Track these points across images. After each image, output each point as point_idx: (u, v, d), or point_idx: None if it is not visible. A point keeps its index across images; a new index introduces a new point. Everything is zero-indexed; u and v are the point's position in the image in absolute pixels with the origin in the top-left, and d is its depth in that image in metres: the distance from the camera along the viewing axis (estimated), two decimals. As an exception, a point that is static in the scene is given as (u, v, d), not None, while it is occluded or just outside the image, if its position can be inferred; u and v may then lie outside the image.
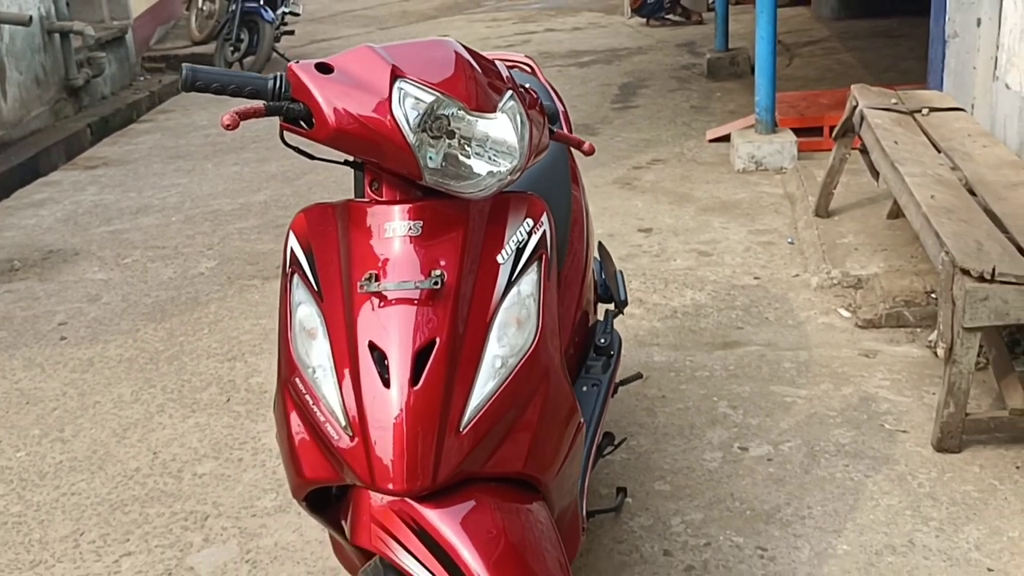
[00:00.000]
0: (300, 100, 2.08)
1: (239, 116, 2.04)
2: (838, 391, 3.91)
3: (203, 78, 2.08)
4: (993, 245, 3.47)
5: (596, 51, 11.25)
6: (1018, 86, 4.40)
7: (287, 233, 2.32)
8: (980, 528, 3.12)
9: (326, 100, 2.05)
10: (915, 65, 8.46)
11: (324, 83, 2.07)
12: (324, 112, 2.05)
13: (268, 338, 4.75)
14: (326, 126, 2.05)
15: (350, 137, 2.06)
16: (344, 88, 2.07)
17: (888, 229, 5.19)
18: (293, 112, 2.08)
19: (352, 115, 2.04)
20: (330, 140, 2.07)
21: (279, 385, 2.25)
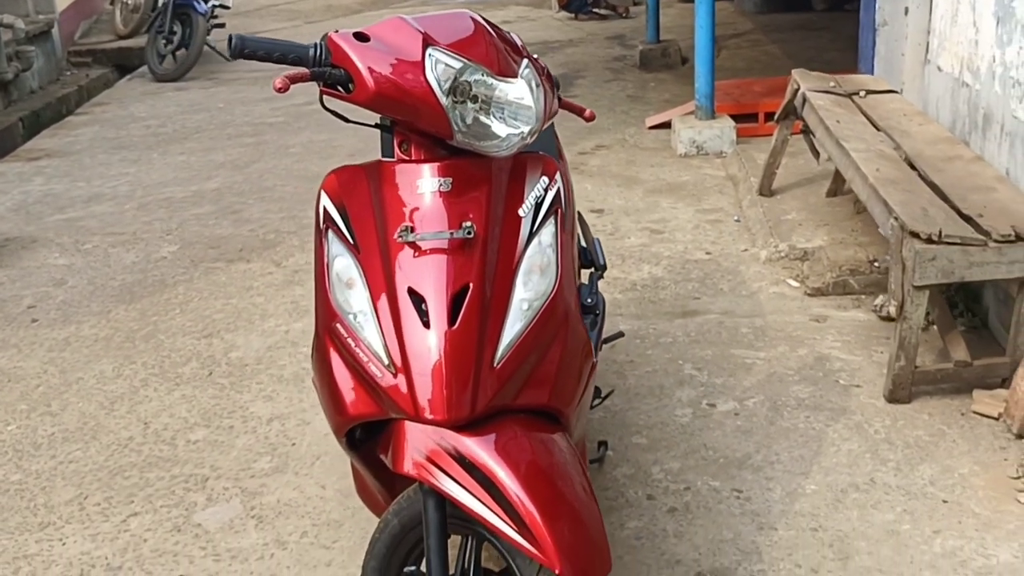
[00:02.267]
0: (340, 66, 2.26)
1: (289, 80, 2.22)
2: (794, 352, 4.19)
3: (251, 46, 2.26)
4: (937, 211, 3.77)
5: (528, 44, 11.36)
6: (950, 68, 4.72)
7: (318, 193, 2.50)
8: (933, 467, 3.40)
9: (365, 66, 2.23)
10: (837, 56, 8.85)
11: (363, 50, 2.25)
12: (364, 77, 2.23)
13: (241, 316, 4.89)
14: (366, 89, 2.23)
15: (388, 100, 2.25)
16: (381, 55, 2.25)
17: (828, 206, 5.50)
18: (334, 77, 2.25)
19: (390, 79, 2.23)
20: (369, 102, 2.25)
21: (318, 332, 2.44)
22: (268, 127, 8.46)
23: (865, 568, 2.97)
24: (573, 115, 2.87)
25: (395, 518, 2.43)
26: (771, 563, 3.01)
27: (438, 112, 2.25)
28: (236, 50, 2.24)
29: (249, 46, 2.26)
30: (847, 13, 11.25)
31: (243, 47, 2.25)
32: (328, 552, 3.21)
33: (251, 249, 5.74)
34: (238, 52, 2.25)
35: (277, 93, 2.23)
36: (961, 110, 4.56)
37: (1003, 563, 2.95)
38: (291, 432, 3.88)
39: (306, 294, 5.07)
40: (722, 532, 3.16)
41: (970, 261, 3.55)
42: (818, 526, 3.16)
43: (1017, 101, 3.94)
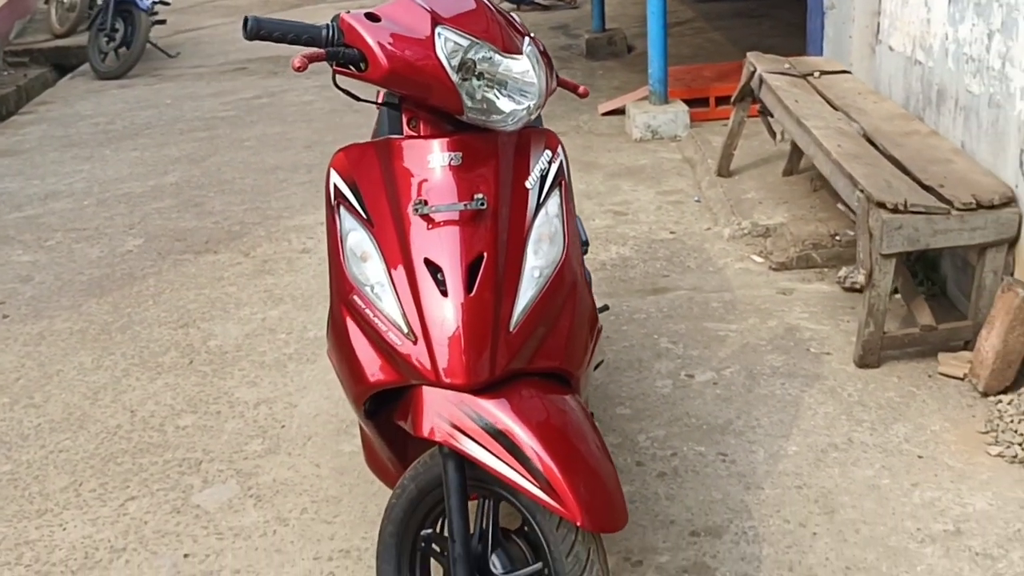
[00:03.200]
0: (353, 46, 2.33)
1: (307, 59, 2.29)
2: (764, 324, 4.33)
3: (267, 27, 2.32)
4: (900, 183, 3.93)
5: (472, 36, 11.53)
6: (902, 47, 4.89)
7: (328, 171, 2.58)
8: (906, 425, 3.56)
9: (378, 45, 2.31)
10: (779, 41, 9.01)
11: (375, 30, 2.33)
12: (377, 55, 2.31)
13: (215, 306, 4.93)
14: (380, 67, 2.31)
15: (400, 77, 2.33)
16: (392, 34, 2.33)
17: (785, 184, 5.66)
18: (348, 56, 2.33)
19: (402, 57, 2.31)
20: (383, 80, 2.33)
21: (334, 306, 2.52)
22: (220, 121, 8.45)
23: (850, 520, 3.11)
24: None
25: (412, 483, 2.51)
26: (761, 520, 3.14)
27: (449, 88, 2.34)
28: (252, 31, 2.31)
29: (265, 27, 2.32)
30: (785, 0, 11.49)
31: (259, 28, 2.31)
32: (330, 526, 3.28)
33: (217, 240, 5.77)
34: (254, 33, 2.31)
35: (296, 72, 2.30)
36: (914, 87, 4.74)
37: (979, 510, 3.11)
38: (279, 415, 3.94)
39: (278, 283, 5.13)
40: (711, 493, 3.29)
41: (934, 229, 3.71)
42: (802, 484, 3.30)
43: (971, 76, 4.11)
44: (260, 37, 2.33)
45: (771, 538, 3.06)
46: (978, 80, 4.05)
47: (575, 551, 2.30)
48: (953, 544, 2.98)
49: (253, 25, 2.31)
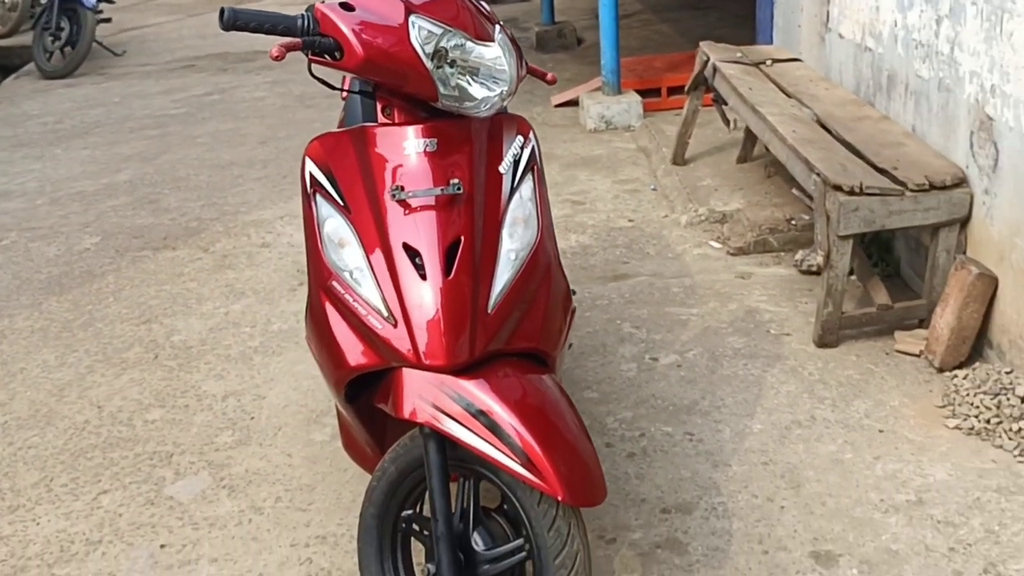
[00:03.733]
0: (329, 35, 2.37)
1: (285, 49, 2.32)
2: (724, 307, 4.41)
3: (243, 18, 2.35)
4: (854, 166, 4.02)
5: (422, 31, 11.55)
6: (851, 35, 4.99)
7: (303, 159, 2.61)
8: (866, 402, 3.65)
9: (354, 33, 2.34)
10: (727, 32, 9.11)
11: (349, 19, 2.36)
12: (353, 44, 2.34)
13: (177, 301, 4.93)
14: (355, 56, 2.34)
15: (376, 65, 2.36)
16: (367, 23, 2.37)
17: (740, 171, 5.75)
18: (325, 45, 2.36)
19: (377, 46, 2.35)
20: (358, 68, 2.37)
21: (313, 292, 2.55)
22: (170, 119, 8.41)
23: (816, 494, 3.19)
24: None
25: (392, 465, 2.55)
26: (729, 495, 3.22)
27: (424, 75, 2.38)
28: (228, 22, 2.33)
29: (241, 18, 2.35)
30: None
31: (235, 19, 2.34)
32: (305, 514, 3.31)
33: (175, 237, 5.75)
34: (231, 24, 2.34)
35: (274, 61, 2.33)
36: (865, 73, 4.84)
37: (939, 481, 3.21)
38: (248, 407, 3.95)
39: (239, 277, 5.14)
40: (680, 471, 3.36)
41: (889, 210, 3.81)
42: (768, 460, 3.38)
43: (920, 61, 4.21)
44: (236, 27, 2.36)
45: (740, 513, 3.14)
46: (927, 65, 4.15)
47: (556, 526, 2.35)
48: (916, 513, 3.07)
49: (230, 16, 2.33)
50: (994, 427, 3.39)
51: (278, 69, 10.08)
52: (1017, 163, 3.50)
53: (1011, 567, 2.84)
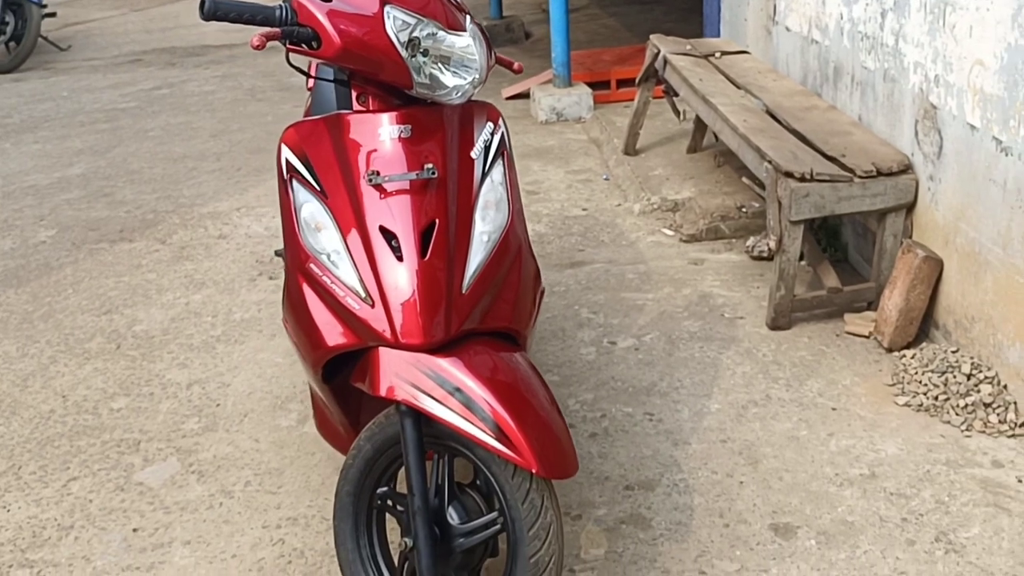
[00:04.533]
0: (307, 25, 2.43)
1: (265, 38, 2.38)
2: (679, 292, 4.53)
3: (223, 8, 2.40)
4: (804, 154, 4.15)
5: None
6: (798, 28, 5.13)
7: (279, 146, 2.67)
8: (819, 381, 3.78)
9: (332, 23, 2.41)
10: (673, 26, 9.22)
11: (327, 9, 2.43)
12: (330, 33, 2.40)
13: (136, 292, 4.95)
14: (332, 45, 2.41)
15: (352, 54, 2.43)
16: (343, 13, 2.43)
17: (690, 161, 5.88)
18: (302, 35, 2.42)
19: (353, 35, 2.42)
20: (336, 57, 2.43)
21: (290, 275, 2.62)
22: (121, 113, 8.38)
23: (773, 469, 3.31)
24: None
25: (368, 443, 2.62)
26: (690, 472, 3.32)
27: (399, 64, 2.45)
28: (209, 12, 2.39)
29: (221, 8, 2.40)
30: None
31: (216, 9, 2.39)
32: (275, 496, 3.36)
33: (132, 229, 5.76)
34: (211, 14, 2.39)
35: (254, 50, 2.39)
36: (812, 65, 4.98)
37: (891, 455, 3.34)
38: (213, 394, 4.00)
39: (198, 268, 5.17)
40: (641, 450, 3.46)
41: (839, 196, 3.94)
42: (726, 438, 3.49)
43: (866, 53, 4.35)
44: (216, 17, 2.41)
45: (701, 488, 3.25)
46: (873, 56, 4.29)
47: (530, 498, 2.44)
48: (869, 486, 3.20)
49: (210, 6, 2.39)
50: (942, 404, 3.52)
51: (227, 63, 10.10)
52: (961, 150, 3.64)
53: (961, 535, 2.97)
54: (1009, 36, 3.28)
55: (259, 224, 5.73)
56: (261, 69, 9.72)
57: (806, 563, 2.91)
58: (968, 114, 3.56)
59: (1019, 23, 3.23)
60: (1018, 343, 3.38)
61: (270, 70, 9.64)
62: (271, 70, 9.63)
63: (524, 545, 2.44)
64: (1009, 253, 3.38)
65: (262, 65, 9.89)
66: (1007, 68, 3.31)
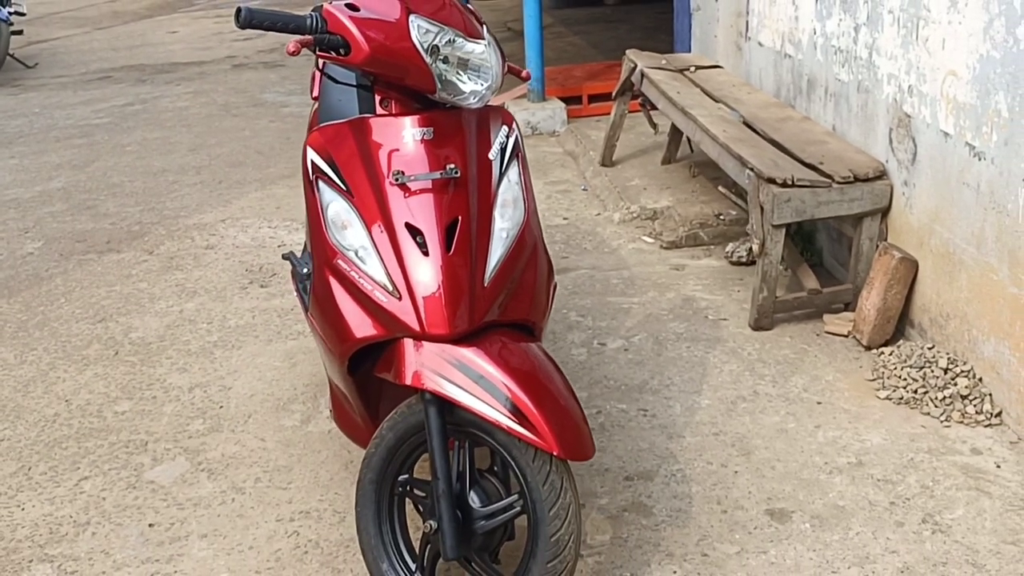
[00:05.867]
0: (336, 33, 2.57)
1: (300, 44, 2.52)
2: (663, 296, 4.69)
3: (258, 17, 2.54)
4: (784, 161, 4.33)
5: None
6: (771, 43, 5.33)
7: (304, 148, 2.80)
8: (803, 377, 3.95)
9: (360, 31, 2.55)
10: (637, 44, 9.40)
11: (355, 18, 2.57)
12: (359, 41, 2.55)
13: (129, 301, 5.03)
14: (361, 51, 2.55)
15: (380, 60, 2.57)
16: (371, 21, 2.58)
17: (666, 172, 6.06)
18: (333, 42, 2.56)
19: (381, 42, 2.56)
20: (364, 63, 2.57)
21: (317, 271, 2.74)
22: (95, 128, 8.44)
23: (765, 459, 3.47)
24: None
25: (390, 432, 2.74)
26: (686, 463, 3.48)
27: (423, 70, 2.60)
28: (245, 20, 2.52)
29: (256, 17, 2.54)
30: (637, 7, 12.04)
31: (251, 18, 2.53)
32: (286, 492, 3.47)
33: (119, 240, 5.84)
34: (247, 23, 2.53)
35: (290, 54, 2.52)
36: (785, 78, 5.18)
37: (876, 445, 3.51)
38: (215, 397, 4.10)
39: (188, 278, 5.26)
40: (638, 443, 3.60)
41: (818, 201, 4.12)
42: (719, 431, 3.65)
43: (840, 66, 4.55)
44: (252, 26, 2.55)
45: (698, 478, 3.40)
46: (847, 69, 4.49)
47: (550, 479, 2.57)
48: (857, 473, 3.37)
49: (246, 15, 2.53)
50: (921, 397, 3.70)
51: (198, 80, 10.18)
52: (935, 156, 3.83)
53: (946, 516, 3.14)
54: (981, 48, 3.48)
55: (245, 235, 5.83)
56: (232, 86, 9.81)
57: (802, 544, 3.06)
58: (942, 122, 3.75)
59: (990, 36, 3.42)
60: (993, 338, 3.57)
61: (242, 87, 9.74)
62: (243, 87, 9.74)
63: (545, 525, 2.58)
64: (983, 253, 3.57)
65: (233, 82, 9.99)
66: (979, 78, 3.51)
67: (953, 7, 3.62)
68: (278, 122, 8.41)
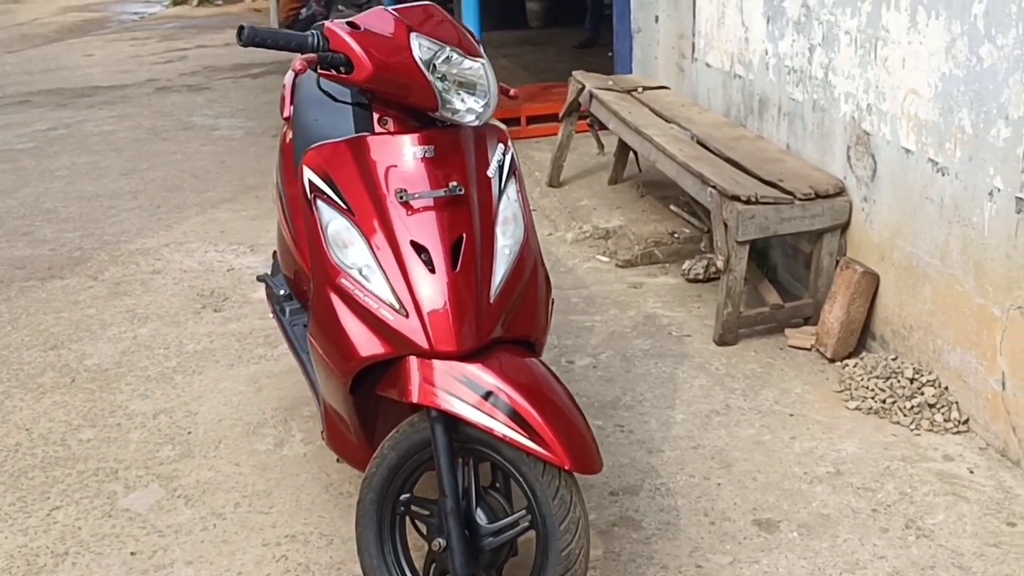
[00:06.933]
0: (338, 51, 2.56)
1: (306, 63, 2.51)
2: (624, 314, 4.74)
3: (260, 35, 2.53)
4: (744, 179, 4.42)
5: (262, 63, 11.64)
6: (719, 64, 5.44)
7: (300, 168, 2.78)
8: (773, 391, 4.02)
9: (363, 49, 2.55)
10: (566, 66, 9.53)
11: (358, 36, 2.57)
12: (362, 59, 2.55)
13: (80, 328, 4.92)
14: (364, 69, 2.55)
15: (382, 78, 2.57)
16: (373, 40, 2.58)
17: (613, 192, 6.13)
18: (336, 60, 2.56)
19: (384, 60, 2.56)
20: (367, 81, 2.57)
21: (319, 290, 2.72)
22: (20, 153, 8.24)
23: (746, 471, 3.52)
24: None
25: (392, 451, 2.73)
26: (669, 476, 3.51)
27: (426, 87, 2.60)
28: (248, 39, 2.51)
29: (259, 36, 2.53)
30: (561, 29, 12.16)
31: (254, 36, 2.52)
32: (268, 516, 3.43)
33: (60, 267, 5.71)
34: (249, 40, 2.52)
35: (296, 73, 2.51)
36: (735, 98, 5.28)
37: (851, 454, 3.59)
38: (182, 423, 4.03)
39: (138, 303, 5.17)
40: (619, 459, 3.63)
41: (781, 217, 4.21)
42: (696, 444, 3.69)
43: (794, 85, 4.66)
44: (255, 44, 2.54)
45: (682, 491, 3.43)
46: (801, 89, 4.59)
47: (560, 494, 2.58)
48: (837, 482, 3.44)
49: (248, 34, 2.51)
50: (890, 406, 3.80)
51: (121, 103, 10.01)
52: (896, 172, 3.94)
53: (928, 521, 3.22)
54: (943, 67, 3.60)
55: (191, 259, 5.75)
56: (158, 109, 9.67)
57: (792, 553, 3.11)
58: (903, 139, 3.86)
59: (953, 55, 3.54)
60: (959, 348, 3.67)
61: (168, 110, 9.61)
62: (169, 110, 9.60)
63: (556, 539, 2.58)
64: (948, 265, 3.68)
65: (158, 105, 9.84)
66: (942, 96, 3.62)
67: (913, 28, 3.73)
68: (210, 145, 8.31)
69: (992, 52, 3.32)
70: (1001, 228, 3.37)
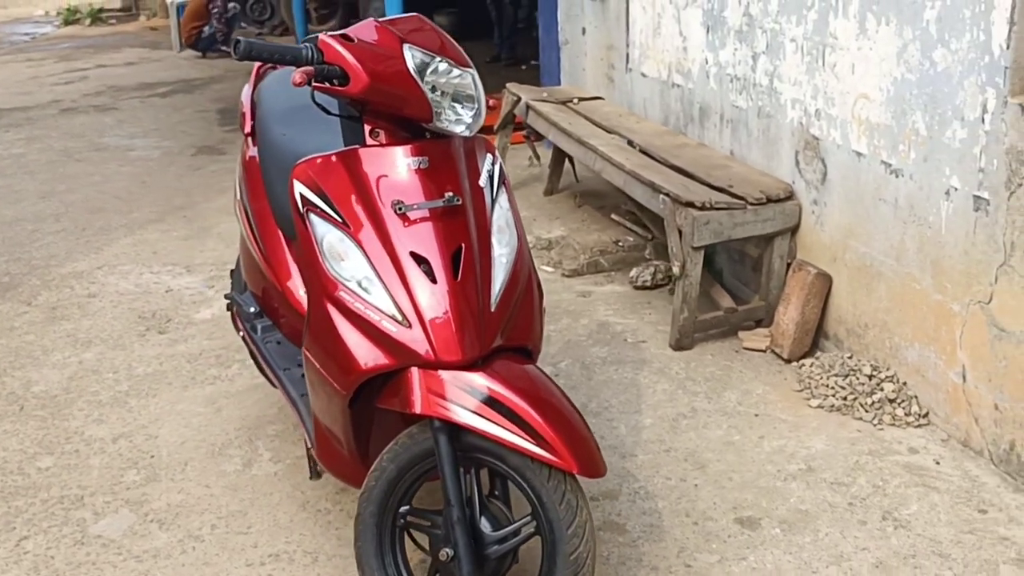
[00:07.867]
0: (333, 63, 2.56)
1: (305, 75, 2.49)
2: (578, 322, 4.78)
3: (256, 49, 2.52)
4: (694, 186, 4.49)
5: (168, 82, 11.48)
6: (656, 74, 5.52)
7: (291, 182, 2.76)
8: (734, 392, 4.10)
9: (359, 61, 2.55)
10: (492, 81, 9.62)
11: (353, 48, 2.57)
12: (358, 71, 2.54)
13: (20, 355, 4.79)
14: (360, 81, 2.54)
15: (378, 90, 2.57)
16: (367, 52, 2.58)
17: (550, 203, 6.18)
18: (332, 72, 2.55)
19: (379, 72, 2.56)
20: (363, 93, 2.56)
21: (316, 304, 2.70)
22: (-74, 178, 7.99)
23: (721, 471, 3.58)
24: None
25: (391, 463, 2.72)
26: (646, 480, 3.55)
27: (421, 98, 2.61)
28: (244, 52, 2.49)
29: (255, 49, 2.51)
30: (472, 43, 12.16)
31: (250, 50, 2.50)
32: (248, 536, 3.37)
33: (-11, 293, 5.56)
34: (246, 54, 2.50)
35: (296, 87, 2.50)
36: (674, 107, 5.37)
37: (820, 450, 3.67)
38: (144, 447, 3.95)
39: (79, 327, 5.05)
40: (594, 464, 3.66)
41: (735, 222, 4.29)
42: (669, 447, 3.74)
43: (737, 93, 4.76)
44: (251, 57, 2.52)
45: (661, 493, 3.48)
46: (744, 96, 4.70)
47: (566, 499, 2.60)
48: (810, 478, 3.52)
49: (245, 47, 2.50)
50: (851, 403, 3.90)
51: (27, 126, 9.77)
52: (846, 175, 4.05)
53: (903, 513, 3.32)
54: (895, 71, 3.71)
55: (127, 281, 5.63)
56: (67, 130, 9.46)
57: (777, 548, 3.18)
58: (854, 143, 3.97)
59: (905, 59, 3.66)
60: (917, 343, 3.79)
61: (77, 131, 9.40)
62: (79, 131, 9.40)
63: (563, 544, 2.60)
64: (903, 264, 3.79)
65: (66, 127, 9.63)
66: (895, 99, 3.74)
67: (863, 34, 3.85)
68: (128, 166, 8.15)
69: (946, 56, 3.44)
70: (959, 226, 3.49)
